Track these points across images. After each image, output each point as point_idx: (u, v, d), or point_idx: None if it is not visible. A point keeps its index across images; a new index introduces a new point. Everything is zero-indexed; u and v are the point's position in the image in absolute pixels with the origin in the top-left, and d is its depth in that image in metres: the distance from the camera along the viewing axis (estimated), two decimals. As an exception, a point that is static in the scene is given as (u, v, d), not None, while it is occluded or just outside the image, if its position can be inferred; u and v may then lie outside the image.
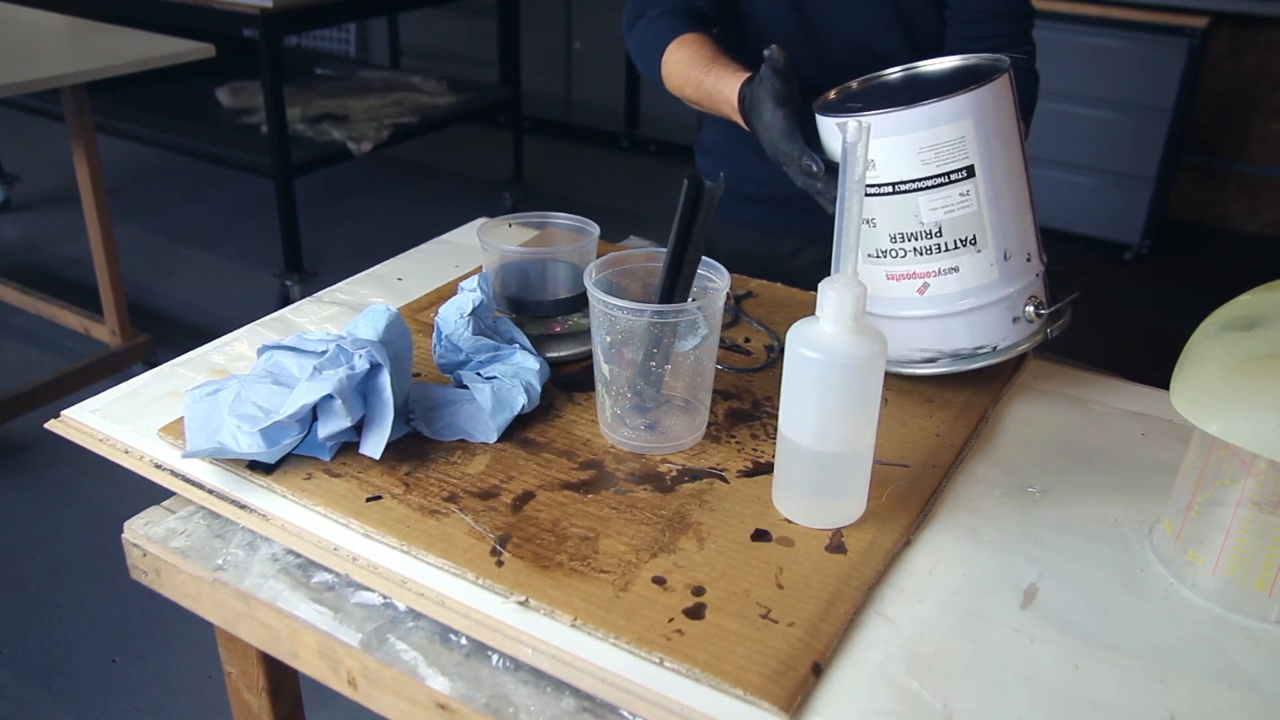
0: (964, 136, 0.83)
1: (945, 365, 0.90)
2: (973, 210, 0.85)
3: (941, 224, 0.85)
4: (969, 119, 0.82)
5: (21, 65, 2.10)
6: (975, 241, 0.85)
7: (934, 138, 0.82)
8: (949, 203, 0.84)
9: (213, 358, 0.97)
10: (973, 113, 0.83)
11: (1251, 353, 0.66)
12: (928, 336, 0.90)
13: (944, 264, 0.86)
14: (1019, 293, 0.89)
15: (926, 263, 0.86)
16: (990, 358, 0.89)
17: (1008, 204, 0.86)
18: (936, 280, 0.87)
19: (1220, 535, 0.69)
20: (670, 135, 4.33)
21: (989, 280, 0.87)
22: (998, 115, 0.84)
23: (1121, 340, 2.94)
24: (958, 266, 0.86)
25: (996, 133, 0.84)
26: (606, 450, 0.84)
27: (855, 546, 0.73)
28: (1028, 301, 0.89)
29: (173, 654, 1.78)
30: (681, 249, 0.81)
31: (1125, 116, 3.25)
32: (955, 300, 0.87)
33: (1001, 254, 0.87)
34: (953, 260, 0.86)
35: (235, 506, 0.77)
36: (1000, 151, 0.85)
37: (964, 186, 0.84)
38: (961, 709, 0.61)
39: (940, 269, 0.86)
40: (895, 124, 0.82)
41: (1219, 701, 0.62)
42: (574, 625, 0.66)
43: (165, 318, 2.94)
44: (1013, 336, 0.90)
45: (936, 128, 0.82)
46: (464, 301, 0.89)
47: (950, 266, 0.86)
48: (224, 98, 3.51)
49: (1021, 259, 0.88)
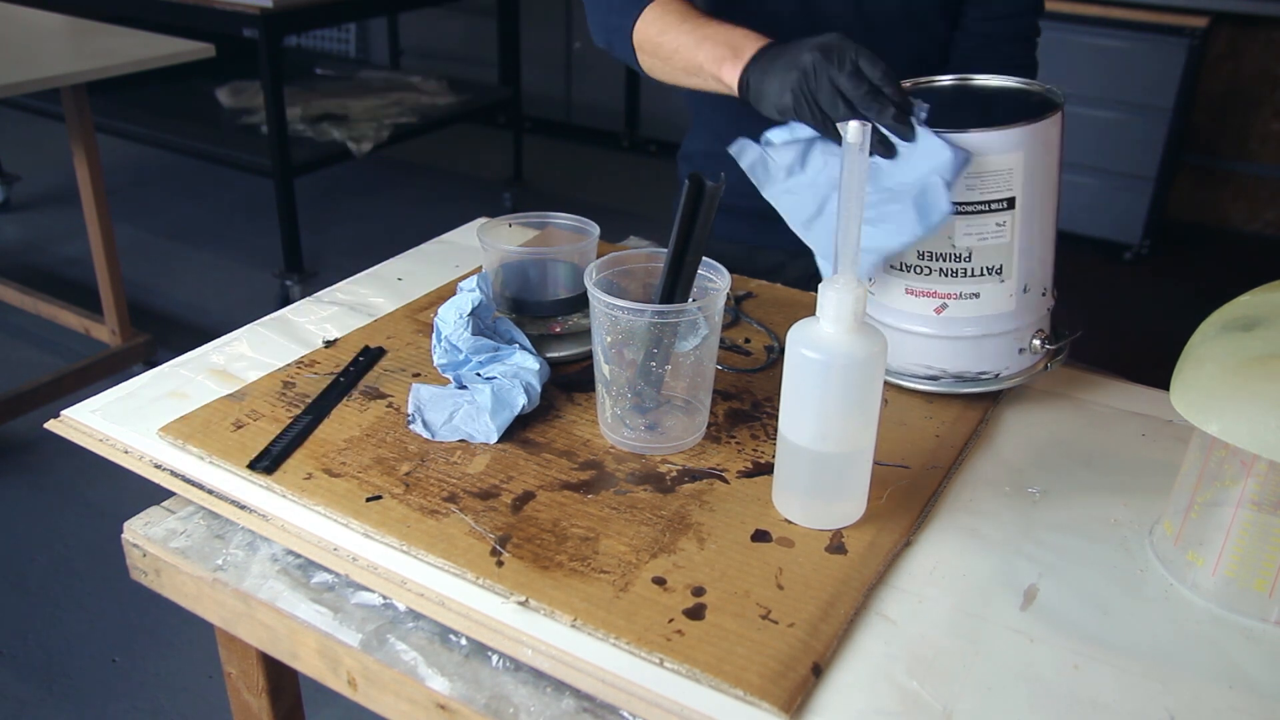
0: (1011, 169, 0.82)
1: (947, 385, 0.90)
2: (1005, 241, 0.85)
3: (973, 250, 0.85)
4: (1020, 152, 0.82)
5: (21, 65, 2.10)
6: (1001, 271, 0.86)
7: (983, 165, 0.82)
8: (984, 230, 0.84)
9: (213, 358, 0.97)
10: (1025, 146, 0.82)
11: (1251, 353, 0.66)
12: (935, 355, 0.90)
13: (966, 289, 0.86)
14: (1029, 325, 0.89)
15: (950, 285, 0.87)
16: (991, 384, 0.90)
17: (1037, 239, 0.86)
18: (956, 303, 0.87)
19: (1220, 536, 0.69)
20: (670, 135, 4.33)
21: (1006, 310, 0.87)
22: (1047, 151, 0.84)
23: (1121, 340, 2.94)
24: (979, 293, 0.86)
25: (1042, 168, 0.84)
26: (606, 450, 0.84)
27: (855, 547, 0.73)
28: (1035, 335, 0.90)
29: (173, 654, 1.78)
30: (682, 249, 0.81)
31: (1125, 116, 3.25)
32: (970, 325, 0.88)
33: (1022, 286, 0.87)
34: (976, 286, 0.86)
35: (235, 506, 0.77)
36: (1041, 187, 0.85)
37: (1001, 217, 0.84)
38: (961, 709, 0.61)
39: (962, 293, 0.87)
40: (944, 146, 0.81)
41: (1219, 702, 0.62)
42: (574, 626, 0.66)
43: (165, 318, 2.94)
44: (1015, 366, 0.90)
45: (989, 156, 0.82)
46: (463, 302, 0.89)
47: (972, 292, 0.86)
48: (224, 98, 3.51)
49: (1038, 293, 0.89)
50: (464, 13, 4.41)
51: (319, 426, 0.85)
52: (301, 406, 0.88)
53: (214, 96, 3.52)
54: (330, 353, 0.98)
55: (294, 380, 0.92)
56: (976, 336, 0.88)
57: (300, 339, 1.01)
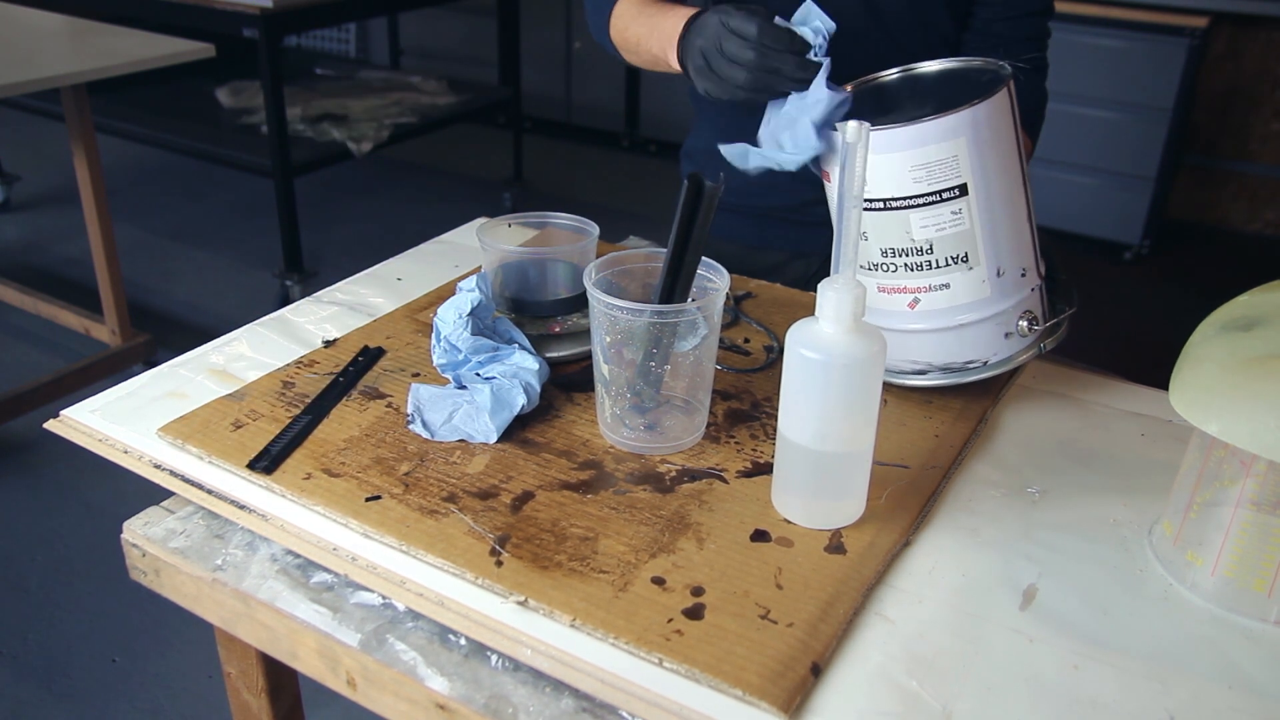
0: (957, 155, 0.81)
1: (935, 378, 0.89)
2: (964, 228, 0.83)
3: (933, 241, 0.84)
4: (963, 138, 0.80)
5: (21, 65, 2.10)
6: (967, 259, 0.84)
7: (925, 156, 0.81)
8: (940, 221, 0.83)
9: (213, 358, 0.97)
10: (967, 131, 0.81)
11: (1251, 353, 0.66)
12: (918, 349, 0.89)
13: (935, 280, 0.85)
14: (1012, 309, 0.87)
15: (917, 279, 0.86)
16: (981, 372, 0.89)
17: (1002, 221, 0.85)
18: (927, 296, 0.86)
19: (1220, 536, 0.69)
20: (670, 135, 4.33)
21: (981, 297, 0.86)
22: (994, 131, 0.82)
23: (1121, 340, 2.94)
24: (949, 283, 0.85)
25: (992, 149, 0.82)
26: (606, 450, 0.84)
27: (855, 547, 0.73)
28: (1021, 317, 0.88)
29: (173, 654, 1.78)
30: (681, 249, 0.81)
31: (1125, 116, 3.25)
32: (946, 316, 0.87)
33: (995, 271, 0.85)
34: (944, 277, 0.85)
35: (234, 506, 0.77)
36: (995, 168, 0.83)
37: (956, 205, 0.83)
38: (961, 709, 0.61)
39: (931, 285, 0.86)
40: (887, 141, 0.81)
41: (1219, 701, 0.62)
42: (573, 625, 0.66)
43: (165, 318, 2.94)
44: (1004, 351, 0.89)
45: (928, 146, 0.80)
46: (463, 302, 0.89)
47: (941, 283, 0.85)
48: (224, 98, 3.51)
49: (1016, 275, 0.87)
50: (464, 13, 4.41)
51: (318, 426, 0.85)
52: (301, 406, 0.88)
53: (214, 96, 3.52)
54: (330, 353, 0.98)
55: (293, 380, 0.92)
56: (956, 327, 0.87)
57: (300, 339, 1.01)
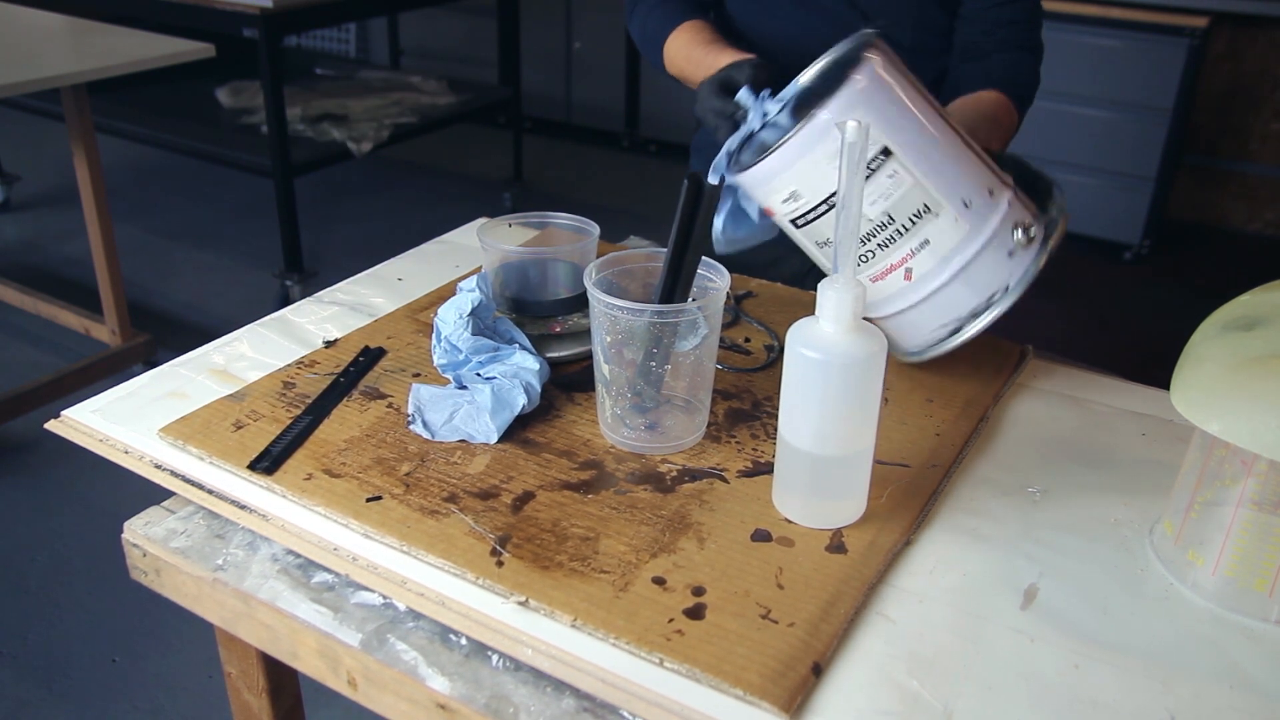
0: None
1: (970, 327, 0.87)
2: (909, 183, 0.83)
3: (888, 211, 0.84)
4: (858, 109, 0.80)
5: (21, 65, 2.10)
6: (929, 209, 0.84)
7: (832, 146, 0.81)
8: (883, 189, 0.83)
9: (213, 358, 0.97)
10: (858, 105, 0.80)
11: (1251, 353, 0.66)
12: (939, 313, 0.88)
13: (912, 244, 0.85)
14: (1000, 228, 0.86)
15: (897, 250, 0.86)
16: (1008, 297, 0.86)
17: (940, 159, 0.84)
18: (915, 260, 0.86)
19: (1220, 535, 0.69)
20: (670, 135, 4.33)
21: (963, 235, 0.85)
22: (884, 89, 0.82)
23: (1121, 340, 2.94)
24: (927, 239, 0.85)
25: (891, 103, 0.82)
26: (606, 450, 0.84)
27: (855, 546, 0.73)
28: (1014, 229, 0.86)
29: (173, 654, 1.78)
30: (682, 249, 0.81)
31: (1125, 116, 3.25)
32: (943, 269, 0.86)
33: (961, 205, 0.84)
34: (918, 236, 0.85)
35: (235, 506, 0.77)
36: (905, 118, 0.83)
37: (888, 169, 0.83)
38: (961, 709, 0.61)
39: (912, 249, 0.85)
40: (798, 148, 0.82)
41: (1219, 701, 0.62)
42: (574, 625, 0.66)
43: (165, 318, 2.94)
44: (1017, 269, 0.87)
45: (826, 140, 0.81)
46: (463, 302, 0.89)
47: (920, 243, 0.85)
48: (224, 98, 3.51)
49: (983, 198, 0.86)
50: (464, 13, 4.41)
51: (319, 427, 0.85)
52: (302, 407, 0.88)
53: (214, 96, 3.52)
54: (330, 353, 0.98)
55: (294, 380, 0.92)
56: (959, 273, 0.86)
57: (300, 339, 1.01)
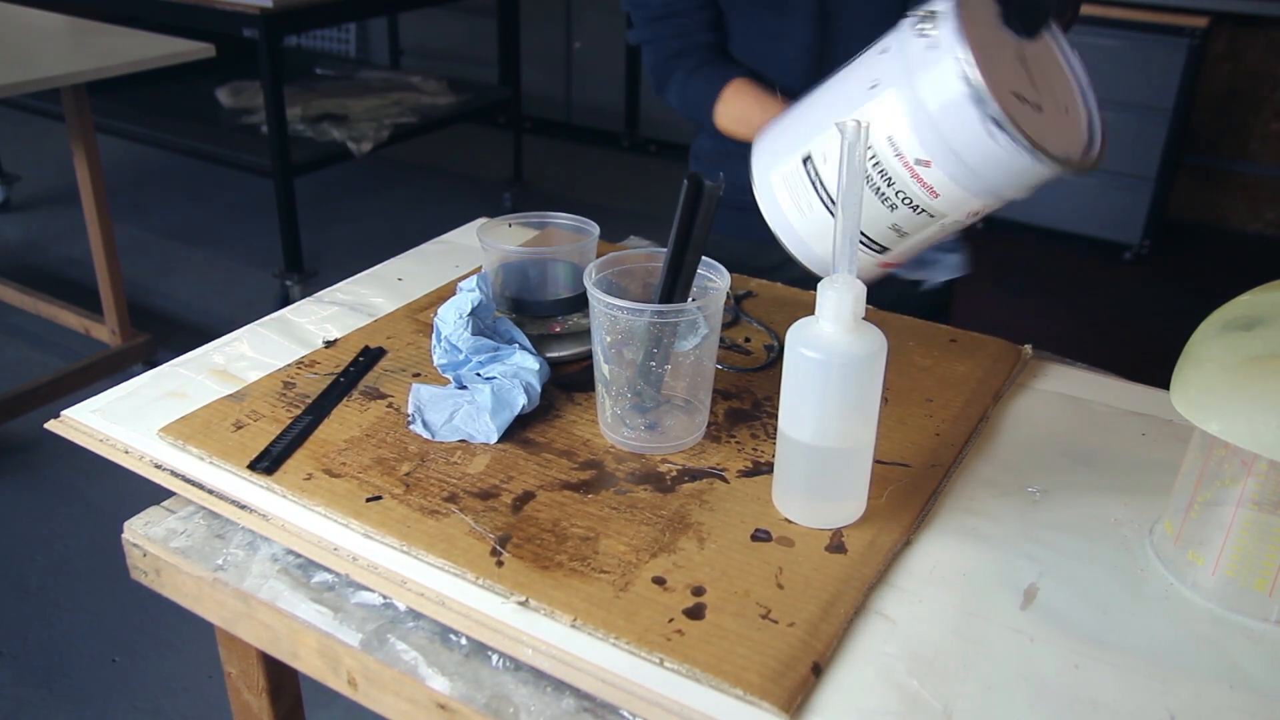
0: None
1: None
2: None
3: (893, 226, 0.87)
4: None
5: (21, 65, 2.10)
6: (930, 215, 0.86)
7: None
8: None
9: (213, 358, 0.97)
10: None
11: (1252, 353, 0.66)
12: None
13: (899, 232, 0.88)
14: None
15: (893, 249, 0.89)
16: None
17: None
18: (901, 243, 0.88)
19: (1220, 535, 0.69)
20: (670, 135, 4.33)
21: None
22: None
23: (1121, 340, 2.94)
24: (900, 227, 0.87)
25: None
26: (606, 450, 0.84)
27: (855, 546, 0.73)
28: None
29: (173, 654, 1.78)
30: (682, 249, 0.81)
31: (1125, 116, 3.25)
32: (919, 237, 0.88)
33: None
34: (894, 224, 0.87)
35: (235, 506, 0.77)
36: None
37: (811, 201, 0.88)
38: (961, 709, 0.61)
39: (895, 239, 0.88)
40: None
41: (1219, 701, 0.62)
42: (574, 625, 0.66)
43: (165, 318, 2.94)
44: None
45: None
46: (463, 302, 0.89)
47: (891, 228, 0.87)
48: (224, 98, 3.51)
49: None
50: (464, 13, 4.41)
51: (319, 427, 0.85)
52: (302, 407, 0.88)
53: (214, 96, 3.52)
54: (330, 353, 0.98)
55: (294, 380, 0.92)
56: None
57: (300, 339, 1.01)
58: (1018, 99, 0.82)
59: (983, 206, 0.87)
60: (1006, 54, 0.86)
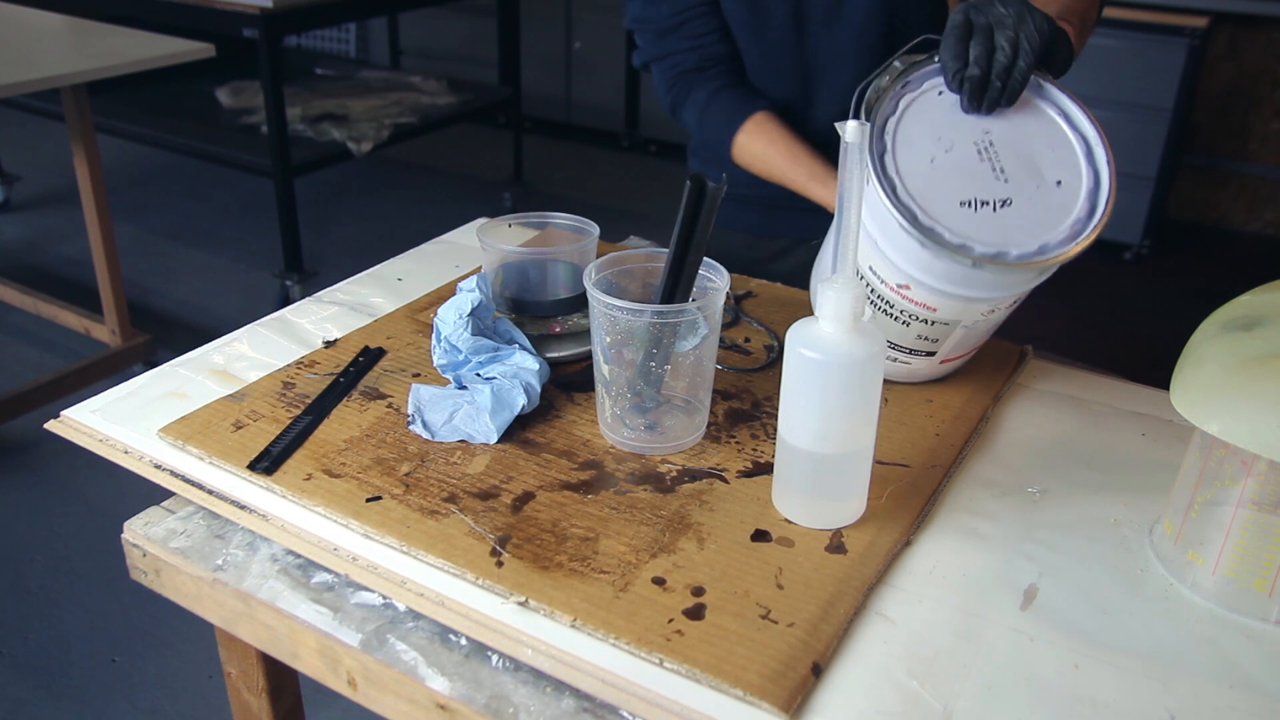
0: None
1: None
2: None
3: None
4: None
5: (21, 65, 2.10)
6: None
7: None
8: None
9: (213, 358, 0.97)
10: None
11: (1251, 353, 0.66)
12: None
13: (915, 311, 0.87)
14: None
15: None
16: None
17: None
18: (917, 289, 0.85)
19: (1220, 535, 0.69)
20: (670, 135, 4.33)
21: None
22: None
23: (1121, 340, 2.94)
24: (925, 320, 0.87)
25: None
26: (606, 450, 0.84)
27: (855, 547, 0.73)
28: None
29: (173, 654, 1.78)
30: (683, 249, 0.81)
31: (1125, 116, 3.25)
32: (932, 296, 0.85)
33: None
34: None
35: (235, 507, 0.77)
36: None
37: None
38: (961, 709, 0.61)
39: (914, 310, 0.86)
40: None
41: (1219, 701, 0.62)
42: (574, 626, 0.66)
43: (165, 318, 2.94)
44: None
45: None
46: (463, 302, 0.89)
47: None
48: (224, 98, 3.51)
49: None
50: (464, 13, 4.41)
51: (319, 427, 0.85)
52: (301, 407, 0.88)
53: (214, 96, 3.52)
54: (330, 353, 0.98)
55: (294, 380, 0.92)
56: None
57: (300, 339, 1.01)
58: (968, 207, 0.80)
59: (991, 308, 0.85)
60: (963, 149, 0.82)
